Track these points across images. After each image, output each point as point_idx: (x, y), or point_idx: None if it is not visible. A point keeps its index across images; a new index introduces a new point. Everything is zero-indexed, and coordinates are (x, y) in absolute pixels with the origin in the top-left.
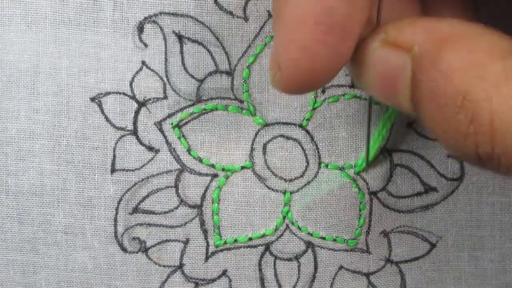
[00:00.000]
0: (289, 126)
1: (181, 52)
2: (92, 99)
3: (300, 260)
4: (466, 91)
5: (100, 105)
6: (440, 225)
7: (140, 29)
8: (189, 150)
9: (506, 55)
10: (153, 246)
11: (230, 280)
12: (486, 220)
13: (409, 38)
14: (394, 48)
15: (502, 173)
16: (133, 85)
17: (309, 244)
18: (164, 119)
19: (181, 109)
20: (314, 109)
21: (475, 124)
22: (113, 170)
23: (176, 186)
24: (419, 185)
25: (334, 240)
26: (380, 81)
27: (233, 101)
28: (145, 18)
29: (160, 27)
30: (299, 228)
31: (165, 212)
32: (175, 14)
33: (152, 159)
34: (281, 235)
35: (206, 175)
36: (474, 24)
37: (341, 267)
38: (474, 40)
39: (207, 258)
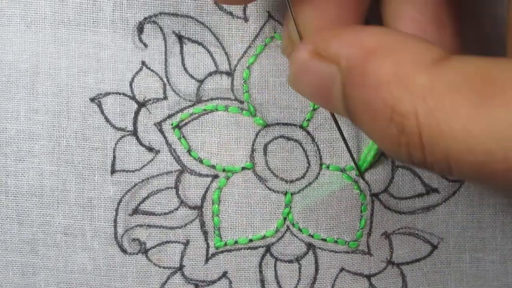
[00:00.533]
0: (290, 126)
1: (181, 53)
2: (92, 100)
3: (301, 262)
4: (394, 104)
5: (100, 106)
6: (441, 227)
7: (140, 29)
8: (189, 151)
9: (431, 66)
10: (153, 247)
11: (230, 282)
12: (488, 221)
13: (336, 51)
14: (323, 59)
15: (439, 175)
16: (133, 86)
17: (310, 246)
18: (164, 119)
19: (181, 110)
20: (314, 109)
21: (406, 135)
22: (113, 171)
23: (176, 187)
24: (420, 186)
25: (335, 241)
26: (315, 90)
27: (233, 101)
28: (145, 18)
29: (160, 28)
30: (300, 230)
31: (165, 213)
32: (175, 15)
33: (152, 160)
34: (282, 236)
35: (207, 176)
36: (401, 33)
37: (342, 269)
38: (399, 51)
39: (207, 259)
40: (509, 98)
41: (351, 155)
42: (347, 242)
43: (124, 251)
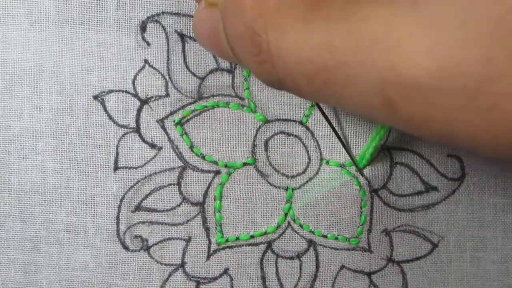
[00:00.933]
0: (289, 122)
1: (183, 51)
2: (95, 97)
3: (301, 258)
4: (252, 25)
5: (103, 103)
6: (441, 225)
7: (143, 28)
8: (191, 147)
9: None
10: (155, 244)
11: (231, 279)
12: (489, 221)
13: None
14: (211, 6)
15: (294, 93)
16: (135, 83)
17: (311, 243)
18: (167, 116)
19: (183, 107)
20: (313, 105)
21: (263, 53)
22: (116, 168)
23: (178, 184)
24: (419, 184)
25: (336, 238)
26: (208, 38)
27: (234, 98)
28: (148, 18)
29: (163, 26)
30: (301, 226)
31: (167, 210)
32: (177, 14)
33: (155, 156)
34: (283, 232)
35: (209, 172)
36: None
37: (342, 266)
38: None
39: (209, 256)
40: (332, 8)
41: (347, 151)
42: (347, 239)
43: (126, 248)
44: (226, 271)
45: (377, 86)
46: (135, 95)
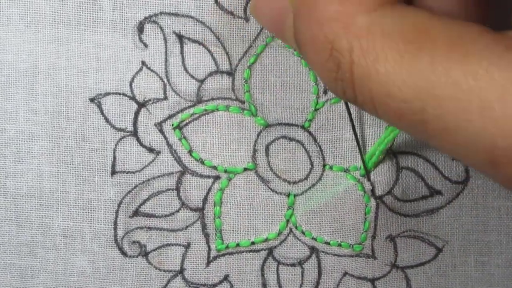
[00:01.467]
0: (291, 127)
1: (182, 52)
2: (92, 100)
3: (303, 265)
4: (334, 40)
5: (99, 106)
6: (446, 230)
7: (140, 29)
8: (190, 152)
9: (373, 9)
10: (154, 250)
11: (231, 286)
12: (493, 224)
13: None
14: None
15: (368, 112)
16: (133, 86)
17: (313, 249)
18: (165, 120)
19: (182, 110)
20: (316, 110)
21: (341, 71)
22: (113, 172)
23: (177, 189)
24: (424, 188)
25: (339, 245)
26: (271, 20)
27: (234, 101)
28: (145, 18)
29: (161, 27)
30: (303, 233)
31: (166, 216)
32: (175, 14)
33: (153, 161)
34: (285, 239)
35: (208, 177)
36: None
37: (345, 273)
38: None
39: (208, 262)
40: (436, 53)
41: (360, 151)
42: (351, 245)
43: (124, 253)
44: (226, 277)
45: (484, 146)
46: (133, 98)
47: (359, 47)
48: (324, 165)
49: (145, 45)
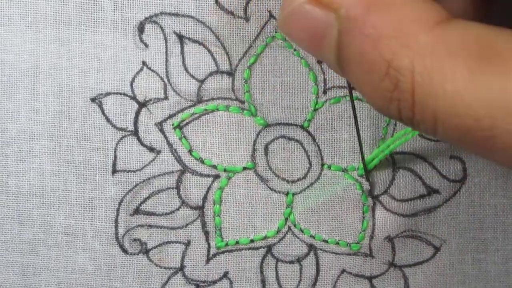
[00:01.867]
0: (291, 127)
1: (182, 53)
2: (93, 100)
3: (302, 263)
4: (392, 59)
5: (100, 106)
6: (443, 228)
7: (141, 29)
8: (190, 151)
9: (434, 26)
10: (154, 247)
11: (231, 282)
12: (489, 222)
13: None
14: (320, 6)
15: (421, 130)
16: (133, 86)
17: (311, 247)
18: (165, 119)
19: (182, 110)
20: (315, 110)
21: (398, 90)
22: (114, 171)
23: (177, 187)
24: (422, 188)
25: (337, 243)
26: (307, 35)
27: (234, 101)
28: (146, 18)
29: (161, 27)
30: (302, 231)
31: (166, 214)
32: (176, 14)
33: (153, 160)
34: (283, 237)
35: (208, 176)
36: None
37: (343, 271)
38: (404, 6)
39: (208, 260)
40: (506, 68)
41: (361, 152)
42: (349, 244)
43: (125, 251)
44: (225, 274)
45: None
46: (133, 98)
47: (423, 66)
48: (322, 165)
49: (146, 45)
